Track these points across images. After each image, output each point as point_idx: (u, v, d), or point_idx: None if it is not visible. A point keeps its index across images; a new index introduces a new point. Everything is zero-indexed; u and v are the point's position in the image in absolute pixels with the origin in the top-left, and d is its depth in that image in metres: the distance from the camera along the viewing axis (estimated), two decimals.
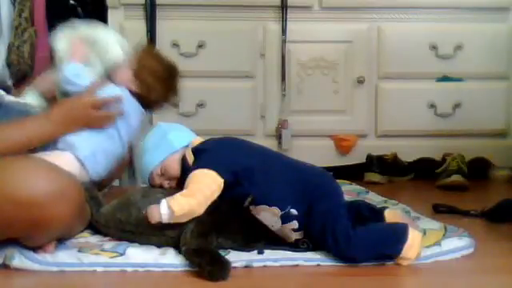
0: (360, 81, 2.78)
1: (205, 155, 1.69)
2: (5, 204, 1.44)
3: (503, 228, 2.00)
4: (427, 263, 1.62)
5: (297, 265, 1.60)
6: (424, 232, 1.73)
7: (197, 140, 1.79)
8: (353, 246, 1.57)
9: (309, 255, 1.62)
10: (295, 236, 1.65)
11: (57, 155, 1.74)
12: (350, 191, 2.37)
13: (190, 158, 1.72)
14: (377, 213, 1.72)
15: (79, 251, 1.60)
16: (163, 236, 1.64)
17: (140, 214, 1.66)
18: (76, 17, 2.57)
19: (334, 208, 1.62)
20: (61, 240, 1.63)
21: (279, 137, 2.75)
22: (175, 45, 2.71)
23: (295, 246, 1.65)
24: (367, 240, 1.59)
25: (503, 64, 2.83)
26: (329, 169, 1.99)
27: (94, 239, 1.72)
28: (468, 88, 2.82)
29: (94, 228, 1.77)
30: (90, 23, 1.97)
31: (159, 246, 1.64)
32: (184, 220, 1.60)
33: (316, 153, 2.71)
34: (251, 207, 1.65)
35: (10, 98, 1.94)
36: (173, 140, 1.77)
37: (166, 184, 1.77)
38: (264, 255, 1.61)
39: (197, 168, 1.65)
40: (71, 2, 2.57)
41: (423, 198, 2.40)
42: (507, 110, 2.84)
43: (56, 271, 1.54)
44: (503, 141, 2.86)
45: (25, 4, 2.18)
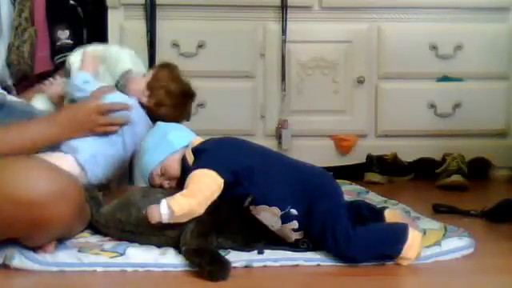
0: (360, 81, 2.78)
1: (205, 155, 1.69)
2: (5, 204, 1.44)
3: (503, 228, 2.00)
4: (427, 263, 1.62)
5: (297, 265, 1.60)
6: (424, 232, 1.73)
7: (197, 140, 1.79)
8: (353, 246, 1.57)
9: (309, 255, 1.61)
10: (295, 236, 1.65)
11: (57, 157, 1.75)
12: (350, 191, 2.36)
13: (190, 158, 1.72)
14: (377, 213, 1.72)
15: (79, 251, 1.59)
16: (163, 236, 1.64)
17: (140, 214, 1.66)
18: (76, 17, 2.57)
19: (334, 208, 1.62)
20: (61, 240, 1.63)
21: (279, 137, 2.74)
22: (175, 45, 2.70)
23: (295, 246, 1.65)
24: (367, 240, 1.59)
25: (503, 64, 2.83)
26: (329, 169, 1.99)
27: (94, 239, 1.72)
28: (468, 88, 2.82)
29: (94, 228, 1.77)
30: (107, 44, 2.08)
31: (159, 246, 1.64)
32: (184, 220, 1.60)
33: (316, 153, 2.71)
34: (251, 207, 1.65)
35: (13, 98, 1.94)
36: (173, 140, 1.77)
37: (166, 184, 1.77)
38: (264, 255, 1.61)
39: (197, 168, 1.65)
40: (71, 2, 2.57)
41: (423, 198, 2.40)
42: (507, 110, 2.84)
43: (56, 271, 1.54)
44: (503, 141, 2.86)
45: (25, 4, 2.18)
